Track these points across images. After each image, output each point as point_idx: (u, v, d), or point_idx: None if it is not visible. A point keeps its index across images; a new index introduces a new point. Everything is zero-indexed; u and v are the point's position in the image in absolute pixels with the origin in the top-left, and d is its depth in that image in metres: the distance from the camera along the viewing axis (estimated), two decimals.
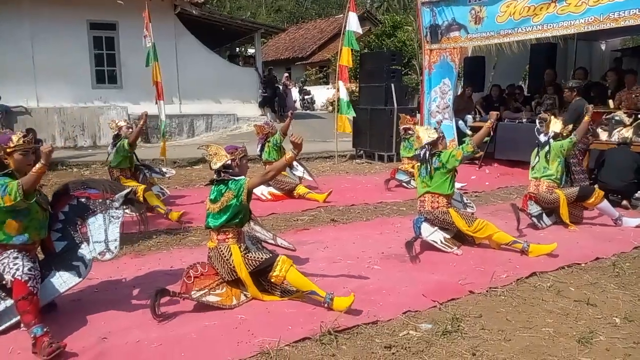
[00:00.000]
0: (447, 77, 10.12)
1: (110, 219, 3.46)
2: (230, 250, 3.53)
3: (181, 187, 8.12)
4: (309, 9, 49.76)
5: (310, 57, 28.25)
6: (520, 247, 4.60)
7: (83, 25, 13.27)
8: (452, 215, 4.71)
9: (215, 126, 14.95)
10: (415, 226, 4.81)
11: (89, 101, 13.39)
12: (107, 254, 3.43)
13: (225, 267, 3.54)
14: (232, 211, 3.52)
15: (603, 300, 3.64)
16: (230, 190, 3.50)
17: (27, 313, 2.94)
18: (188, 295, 3.42)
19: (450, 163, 4.67)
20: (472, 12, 9.30)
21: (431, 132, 4.88)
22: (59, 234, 3.41)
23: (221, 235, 3.58)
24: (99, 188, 3.52)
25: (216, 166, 3.58)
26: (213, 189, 3.61)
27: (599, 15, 7.45)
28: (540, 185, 5.65)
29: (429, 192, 4.80)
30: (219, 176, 3.59)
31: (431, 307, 3.49)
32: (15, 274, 3.01)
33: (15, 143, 3.21)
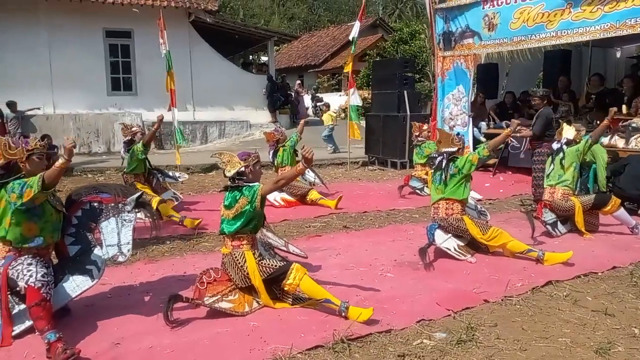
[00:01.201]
0: (461, 84, 10.07)
1: (123, 222, 3.49)
2: (244, 257, 3.53)
3: (194, 193, 8.16)
4: (322, 16, 50.03)
5: (323, 64, 28.33)
6: (536, 255, 4.54)
7: (99, 33, 13.47)
8: (466, 222, 4.67)
9: (228, 133, 15.03)
10: (429, 233, 4.77)
11: (104, 108, 13.56)
12: (120, 256, 3.45)
13: (239, 273, 3.54)
14: (246, 217, 3.52)
15: (621, 310, 3.58)
16: (244, 197, 3.50)
17: (41, 319, 2.96)
18: (201, 301, 3.42)
19: (466, 168, 4.64)
20: (485, 18, 9.25)
21: (455, 140, 4.86)
22: (72, 238, 3.44)
23: (235, 242, 3.58)
24: (111, 192, 3.56)
25: (230, 173, 3.59)
26: (227, 195, 3.61)
27: (615, 21, 7.36)
28: (555, 193, 5.58)
29: (444, 199, 4.76)
30: (233, 183, 3.60)
31: (445, 316, 3.45)
32: (28, 280, 3.03)
33: (32, 146, 3.28)
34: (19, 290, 3.12)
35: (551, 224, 5.53)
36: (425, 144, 7.94)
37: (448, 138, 4.90)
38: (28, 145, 3.27)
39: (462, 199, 4.73)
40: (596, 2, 7.51)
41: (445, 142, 4.86)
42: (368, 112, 12.47)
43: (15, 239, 3.18)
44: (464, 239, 4.78)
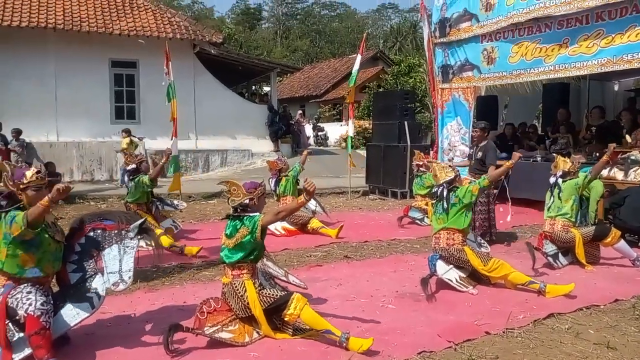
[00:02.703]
0: (459, 116, 10.20)
1: (125, 250, 3.49)
2: (244, 287, 3.52)
3: (196, 221, 8.17)
4: (324, 48, 50.94)
5: (324, 95, 28.73)
6: (537, 287, 4.53)
7: (105, 63, 13.73)
8: (467, 253, 4.68)
9: (230, 161, 15.14)
10: (430, 263, 4.77)
11: (107, 136, 13.70)
12: (121, 284, 3.43)
13: (239, 303, 3.53)
14: (246, 248, 3.54)
15: (623, 343, 3.55)
16: (245, 227, 3.52)
17: (40, 347, 2.95)
18: (201, 331, 3.41)
19: (466, 198, 4.69)
20: (484, 52, 9.44)
21: (448, 170, 4.92)
22: (74, 266, 3.43)
23: (236, 271, 3.58)
24: (115, 219, 3.56)
25: (234, 203, 3.63)
26: (229, 224, 3.63)
27: (612, 57, 7.51)
28: (555, 224, 5.59)
29: (445, 229, 4.78)
30: (235, 212, 3.63)
31: (447, 348, 3.43)
32: (28, 309, 3.02)
33: (28, 179, 3.23)
34: (19, 318, 3.11)
35: (552, 256, 5.52)
36: (426, 175, 7.98)
37: (443, 169, 4.95)
38: (24, 178, 3.22)
39: (462, 229, 4.75)
40: (592, 37, 7.68)
41: (441, 173, 4.92)
42: (369, 142, 12.59)
43: (12, 270, 3.16)
44: (465, 270, 4.77)
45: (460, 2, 9.78)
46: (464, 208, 4.72)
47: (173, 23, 14.26)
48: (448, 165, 5.07)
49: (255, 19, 59.44)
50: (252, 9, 59.78)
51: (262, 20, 61.29)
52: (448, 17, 10.04)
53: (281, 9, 59.15)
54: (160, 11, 14.86)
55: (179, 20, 14.77)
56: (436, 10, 10.35)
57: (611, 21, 7.49)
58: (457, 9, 9.84)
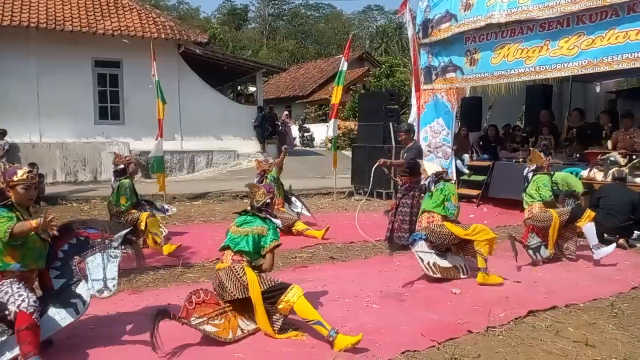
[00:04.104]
0: (440, 117, 10.28)
1: (109, 258, 3.50)
2: (244, 270, 3.62)
3: (180, 223, 8.13)
4: (310, 49, 50.96)
5: (310, 95, 28.75)
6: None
7: (88, 62, 13.57)
8: (447, 226, 4.96)
9: (216, 162, 15.08)
10: (411, 237, 5.11)
11: (91, 137, 13.55)
12: (105, 291, 3.44)
13: (237, 284, 3.58)
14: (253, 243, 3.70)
15: (602, 341, 3.63)
16: (265, 227, 3.76)
17: (29, 343, 2.96)
18: (187, 321, 3.44)
19: (448, 198, 5.09)
20: (467, 54, 9.55)
21: (438, 167, 5.29)
22: (57, 272, 3.43)
23: (237, 257, 3.70)
24: (99, 228, 3.58)
25: (259, 204, 3.88)
26: (243, 218, 3.83)
27: (592, 59, 7.66)
28: (532, 208, 5.79)
29: (426, 211, 5.17)
30: (258, 211, 3.86)
31: (430, 347, 3.47)
32: (20, 305, 3.01)
33: (19, 177, 3.28)
34: (7, 314, 3.06)
35: (534, 248, 5.64)
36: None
37: (431, 167, 5.31)
38: (14, 176, 3.27)
39: (442, 215, 5.04)
40: (573, 39, 7.82)
41: (429, 169, 5.52)
42: (354, 143, 12.64)
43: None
44: (445, 259, 4.99)
45: (442, 4, 9.88)
46: (442, 201, 5.07)
47: (158, 23, 14.16)
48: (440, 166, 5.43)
49: (241, 19, 59.27)
50: (238, 9, 59.62)
51: (248, 20, 61.16)
52: (430, 18, 10.14)
53: (267, 10, 59.07)
54: (145, 11, 14.75)
55: (164, 20, 14.67)
56: (420, 12, 10.45)
57: (591, 24, 7.65)
58: (440, 10, 9.94)
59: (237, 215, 3.95)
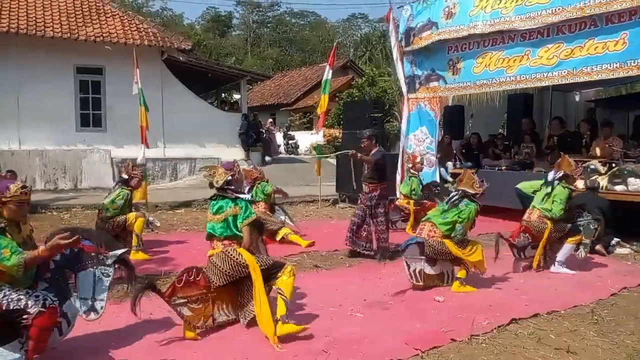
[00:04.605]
0: (424, 125, 10.35)
1: (101, 276, 3.36)
2: (237, 252, 3.67)
3: (162, 231, 8.04)
4: (294, 56, 51.08)
5: (295, 103, 28.78)
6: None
7: (70, 69, 13.41)
8: (447, 244, 4.84)
9: (199, 170, 14.96)
10: (405, 242, 5.00)
11: (72, 144, 13.36)
12: (92, 313, 3.33)
13: (234, 264, 3.65)
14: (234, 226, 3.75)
15: (583, 347, 3.66)
16: (238, 206, 3.77)
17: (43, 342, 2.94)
18: (169, 299, 3.50)
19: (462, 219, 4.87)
20: (450, 63, 9.64)
21: (476, 184, 5.01)
22: (46, 284, 3.24)
23: (226, 241, 3.75)
24: (94, 241, 3.43)
25: (219, 184, 3.81)
26: (214, 204, 3.84)
27: (571, 68, 7.79)
28: (532, 214, 5.74)
29: (430, 222, 5.00)
30: (223, 192, 3.81)
31: (414, 356, 3.47)
32: (45, 303, 2.93)
33: (12, 193, 3.08)
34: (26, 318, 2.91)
35: (520, 248, 5.67)
36: (413, 178, 8.29)
37: (470, 179, 5.05)
38: (7, 192, 3.08)
39: (444, 233, 4.87)
40: (553, 49, 7.95)
41: (467, 182, 5.04)
42: (339, 151, 12.65)
43: None
44: (435, 267, 4.96)
45: (424, 12, 9.98)
46: (454, 222, 4.87)
47: (141, 29, 14.07)
48: (480, 181, 5.12)
49: (225, 26, 59.13)
50: (223, 16, 59.49)
51: (233, 27, 61.07)
52: (413, 27, 10.22)
53: (252, 17, 59.07)
54: (128, 17, 14.64)
55: (147, 26, 14.58)
56: (403, 20, 10.53)
57: (571, 34, 7.78)
58: (422, 19, 10.03)
59: (209, 202, 3.97)
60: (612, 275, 5.61)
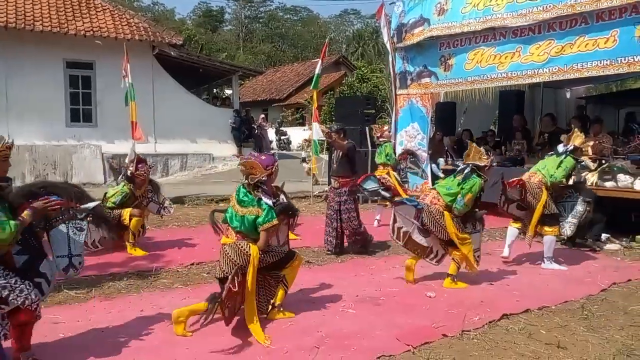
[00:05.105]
0: (416, 122, 10.37)
1: (75, 231, 3.25)
2: (249, 246, 3.69)
3: (154, 227, 7.98)
4: (286, 52, 50.91)
5: (287, 99, 28.71)
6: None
7: (59, 64, 13.29)
8: (446, 217, 4.78)
9: (190, 165, 14.91)
10: (406, 198, 5.12)
11: (62, 139, 13.26)
12: (71, 269, 3.25)
13: (244, 256, 3.65)
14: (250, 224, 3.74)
15: (573, 343, 3.69)
16: (260, 208, 3.71)
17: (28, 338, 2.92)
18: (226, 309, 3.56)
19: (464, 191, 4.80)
20: (442, 59, 9.65)
21: (482, 157, 4.98)
22: (19, 247, 3.03)
23: (239, 235, 3.77)
24: (63, 195, 3.23)
25: (254, 180, 3.78)
26: (243, 193, 3.81)
27: (562, 65, 7.83)
28: (533, 177, 5.74)
29: (436, 189, 5.00)
30: (252, 189, 3.79)
31: (405, 351, 3.48)
32: (25, 302, 2.85)
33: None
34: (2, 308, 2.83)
35: (508, 199, 5.69)
36: (386, 144, 8.21)
37: (478, 152, 5.01)
38: None
39: (446, 203, 4.83)
40: (543, 46, 7.98)
41: (475, 155, 4.99)
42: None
43: None
44: (425, 240, 4.95)
45: (417, 8, 9.97)
46: (457, 194, 4.82)
47: (132, 24, 13.96)
48: (485, 152, 5.10)
49: (217, 21, 58.84)
50: (214, 11, 59.17)
51: (225, 22, 60.77)
52: (405, 23, 10.22)
53: (244, 12, 58.80)
54: (119, 12, 14.53)
55: (138, 21, 14.47)
56: (395, 16, 10.52)
57: (562, 31, 7.81)
58: (414, 15, 10.02)
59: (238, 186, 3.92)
60: (601, 271, 5.65)
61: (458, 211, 4.80)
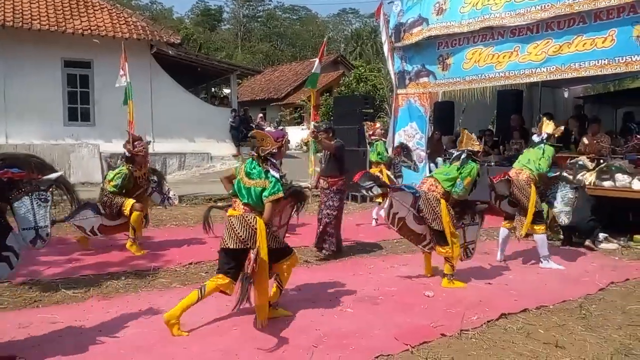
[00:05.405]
0: (414, 121, 10.37)
1: (39, 203, 3.18)
2: (256, 219, 3.69)
3: (152, 227, 7.96)
4: (285, 51, 50.87)
5: (285, 98, 28.68)
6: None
7: (57, 63, 13.25)
8: (442, 205, 4.80)
9: (189, 165, 14.89)
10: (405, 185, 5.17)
11: (60, 138, 13.22)
12: (39, 241, 3.19)
13: (248, 230, 3.65)
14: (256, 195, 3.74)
15: (571, 342, 3.69)
16: (268, 180, 3.73)
17: None
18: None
19: (463, 176, 4.86)
20: (440, 58, 9.66)
21: (475, 143, 5.05)
22: None
23: (247, 207, 3.75)
24: (23, 167, 3.12)
25: (265, 152, 3.79)
26: (252, 165, 3.81)
27: (560, 65, 7.84)
28: (521, 174, 5.74)
29: (433, 177, 5.03)
30: (262, 161, 3.81)
31: (404, 351, 3.48)
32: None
33: None
34: None
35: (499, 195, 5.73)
36: (378, 143, 8.21)
37: (470, 139, 5.08)
38: None
39: (445, 189, 4.87)
40: (541, 45, 7.99)
41: (468, 142, 5.05)
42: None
43: None
44: (419, 227, 4.95)
45: (415, 8, 9.98)
46: (455, 178, 4.87)
47: (130, 23, 13.93)
48: (477, 138, 5.18)
49: (215, 20, 58.75)
50: (212, 10, 59.08)
51: (223, 21, 60.68)
52: (403, 22, 10.22)
53: (242, 11, 58.72)
54: (117, 10, 14.49)
55: (136, 20, 14.44)
56: (393, 15, 10.53)
57: (559, 31, 7.83)
58: (413, 14, 10.04)
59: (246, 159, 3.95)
60: (599, 270, 5.66)
61: (458, 195, 4.86)
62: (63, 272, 5.24)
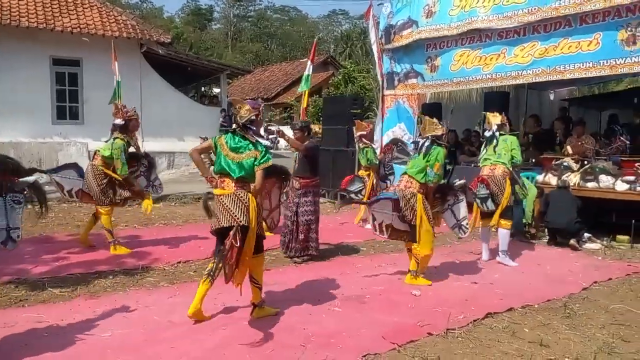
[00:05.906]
0: (402, 122, 10.43)
1: (12, 204, 3.17)
2: (248, 197, 3.74)
3: (140, 226, 7.95)
4: (275, 51, 50.82)
5: (275, 98, 28.69)
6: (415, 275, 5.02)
7: (45, 60, 13.11)
8: (418, 199, 4.82)
9: (178, 164, 14.84)
10: (379, 195, 5.16)
11: (48, 137, 13.09)
12: (10, 243, 3.17)
13: (241, 207, 3.68)
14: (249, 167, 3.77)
15: (555, 341, 3.76)
16: (257, 150, 3.79)
17: None
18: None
19: (431, 162, 4.88)
20: (428, 60, 9.73)
21: (437, 126, 5.05)
22: None
23: (239, 184, 3.77)
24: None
25: (244, 120, 3.81)
26: (232, 137, 3.84)
27: (545, 67, 7.93)
28: (495, 169, 5.82)
29: (407, 174, 5.01)
30: (244, 131, 3.82)
31: (391, 350, 3.51)
32: None
33: None
34: None
35: (482, 199, 5.75)
36: (368, 149, 8.22)
37: (432, 124, 5.08)
38: None
39: (421, 182, 4.88)
40: (528, 48, 8.09)
41: (430, 127, 5.05)
42: (318, 146, 12.70)
43: None
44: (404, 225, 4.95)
45: (405, 10, 10.04)
46: (424, 168, 4.88)
47: (119, 21, 13.83)
48: (438, 122, 5.15)
49: (205, 19, 58.57)
50: (203, 10, 58.88)
51: (213, 21, 60.49)
52: (393, 24, 10.28)
53: (233, 11, 58.58)
54: (106, 9, 14.38)
55: (126, 19, 14.34)
56: (383, 17, 10.58)
57: (546, 34, 7.92)
58: (402, 16, 10.09)
59: (224, 134, 3.95)
60: (583, 270, 5.75)
61: (433, 183, 4.90)
62: (50, 271, 5.21)
